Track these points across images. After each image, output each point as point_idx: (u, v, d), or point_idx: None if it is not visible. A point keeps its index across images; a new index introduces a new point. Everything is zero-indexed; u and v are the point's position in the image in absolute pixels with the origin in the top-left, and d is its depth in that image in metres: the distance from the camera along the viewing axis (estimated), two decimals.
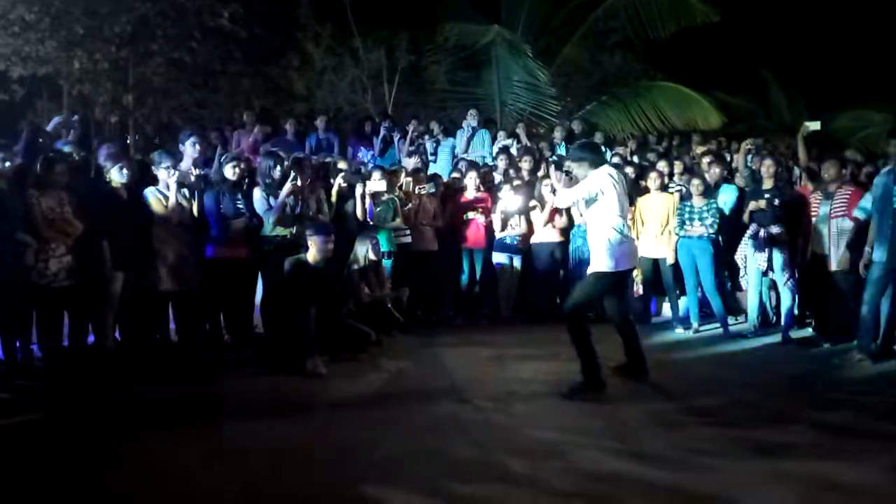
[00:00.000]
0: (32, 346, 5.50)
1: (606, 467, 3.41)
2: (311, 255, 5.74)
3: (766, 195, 6.60)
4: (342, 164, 7.47)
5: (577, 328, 4.76)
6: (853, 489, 3.12)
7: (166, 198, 5.65)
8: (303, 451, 3.69)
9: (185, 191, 5.77)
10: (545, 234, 7.67)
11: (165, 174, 5.69)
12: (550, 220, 7.60)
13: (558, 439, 3.81)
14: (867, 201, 5.84)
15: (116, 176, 5.57)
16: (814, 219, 6.41)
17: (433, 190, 7.76)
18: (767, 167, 6.76)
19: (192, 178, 5.82)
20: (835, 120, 14.45)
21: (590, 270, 4.92)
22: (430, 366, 5.76)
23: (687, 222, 6.97)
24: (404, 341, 6.65)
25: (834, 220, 6.17)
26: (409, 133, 9.78)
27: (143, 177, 5.92)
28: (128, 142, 11.68)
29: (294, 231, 6.07)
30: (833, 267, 6.15)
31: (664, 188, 7.45)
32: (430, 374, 5.49)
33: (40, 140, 6.78)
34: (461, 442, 3.78)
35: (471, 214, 7.78)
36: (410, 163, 8.64)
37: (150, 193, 5.67)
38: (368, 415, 4.36)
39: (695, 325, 7.10)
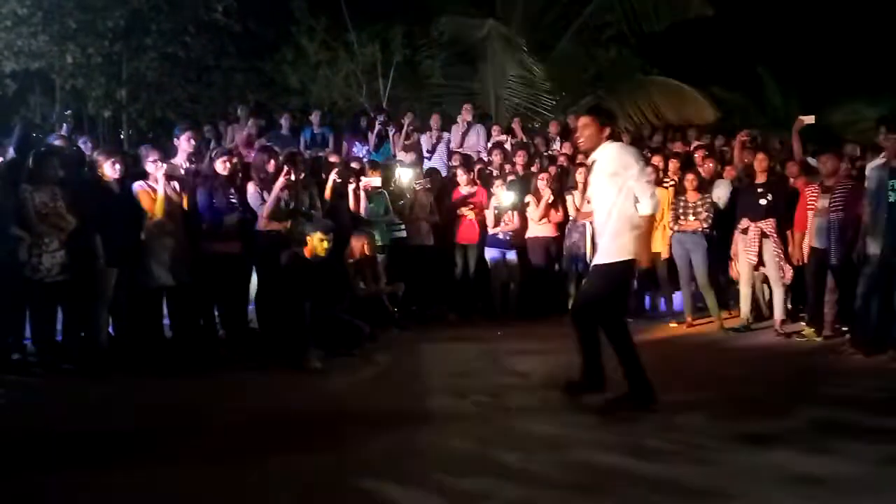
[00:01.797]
0: (26, 341, 5.49)
1: (601, 460, 3.42)
2: (308, 250, 5.73)
3: (759, 189, 6.62)
4: (333, 159, 7.45)
5: (617, 333, 4.18)
6: (838, 482, 3.12)
7: (155, 191, 5.62)
8: (298, 445, 3.69)
9: (176, 184, 5.73)
10: (540, 229, 7.68)
11: (153, 168, 5.65)
12: (546, 214, 7.61)
13: (554, 433, 3.82)
14: None
15: (109, 171, 5.53)
16: (811, 213, 6.40)
17: (428, 185, 7.76)
18: (760, 161, 6.76)
19: (182, 172, 5.76)
20: (830, 114, 14.47)
21: (607, 260, 4.21)
22: (425, 360, 5.77)
23: (681, 217, 6.99)
24: (399, 336, 6.66)
25: (834, 214, 6.16)
26: (405, 126, 9.74)
27: (134, 171, 5.89)
28: (121, 136, 11.66)
29: (288, 226, 6.05)
30: (833, 261, 6.13)
31: (659, 183, 7.46)
32: (425, 368, 5.50)
33: (33, 135, 6.76)
34: (457, 436, 3.79)
35: (462, 210, 7.78)
36: (406, 157, 8.63)
37: (138, 187, 5.63)
38: (364, 409, 4.36)
39: (688, 319, 7.12)
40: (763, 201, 6.54)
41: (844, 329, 6.22)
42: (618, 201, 4.15)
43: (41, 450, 3.65)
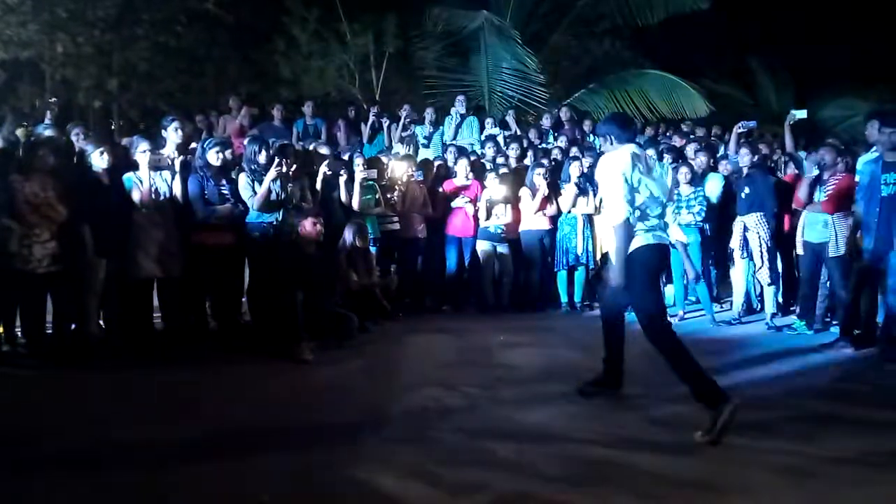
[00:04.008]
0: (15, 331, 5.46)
1: (592, 453, 3.43)
2: (300, 240, 5.73)
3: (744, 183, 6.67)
4: (323, 150, 7.42)
5: (665, 340, 4.00)
6: (829, 475, 3.15)
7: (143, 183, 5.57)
8: (289, 437, 3.69)
9: (166, 175, 5.68)
10: (535, 222, 7.68)
11: (143, 159, 5.60)
12: (541, 207, 7.60)
13: (544, 425, 3.83)
14: None
15: (97, 161, 5.49)
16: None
17: (421, 177, 7.74)
18: (742, 156, 6.80)
19: (169, 163, 5.72)
20: (822, 108, 14.53)
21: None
22: (416, 353, 5.77)
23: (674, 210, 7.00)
24: (391, 328, 6.65)
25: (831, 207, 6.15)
26: (402, 118, 9.70)
27: (127, 162, 5.85)
28: (112, 127, 11.59)
29: (279, 217, 6.03)
30: (831, 253, 6.14)
31: None
32: (416, 360, 5.50)
33: (24, 125, 6.71)
34: (448, 428, 3.79)
35: (458, 202, 7.77)
36: (403, 149, 8.60)
37: (128, 179, 5.59)
38: (355, 401, 4.37)
39: (680, 312, 7.14)
40: (742, 195, 6.60)
41: (835, 322, 6.25)
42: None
43: (29, 445, 3.64)
